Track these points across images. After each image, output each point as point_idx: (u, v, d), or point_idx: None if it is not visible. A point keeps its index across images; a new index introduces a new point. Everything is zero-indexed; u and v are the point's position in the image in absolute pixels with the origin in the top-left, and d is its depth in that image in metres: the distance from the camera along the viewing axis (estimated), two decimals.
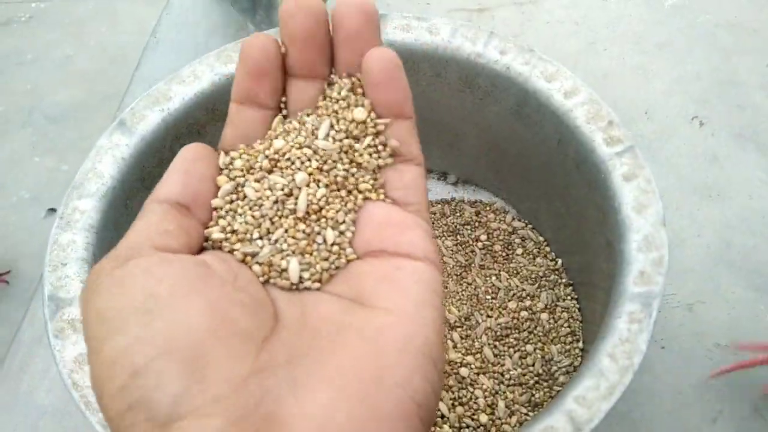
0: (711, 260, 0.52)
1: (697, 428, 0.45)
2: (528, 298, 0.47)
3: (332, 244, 0.21)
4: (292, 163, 0.21)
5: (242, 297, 0.19)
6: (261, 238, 0.21)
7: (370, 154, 0.21)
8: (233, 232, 0.21)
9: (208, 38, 0.70)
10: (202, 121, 0.44)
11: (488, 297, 0.47)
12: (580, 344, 0.45)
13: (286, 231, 0.21)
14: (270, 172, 0.21)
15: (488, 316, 0.46)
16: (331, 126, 0.22)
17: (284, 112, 0.22)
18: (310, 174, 0.21)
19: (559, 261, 0.48)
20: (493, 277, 0.48)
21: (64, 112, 0.65)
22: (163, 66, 0.68)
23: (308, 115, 0.22)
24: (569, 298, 0.47)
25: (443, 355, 0.20)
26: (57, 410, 0.47)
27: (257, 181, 0.21)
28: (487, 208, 0.52)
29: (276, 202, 0.21)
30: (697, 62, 0.64)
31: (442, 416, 0.41)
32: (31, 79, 0.68)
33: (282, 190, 0.21)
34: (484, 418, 0.41)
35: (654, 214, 0.36)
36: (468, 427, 0.41)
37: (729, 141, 0.59)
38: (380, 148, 0.21)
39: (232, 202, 0.21)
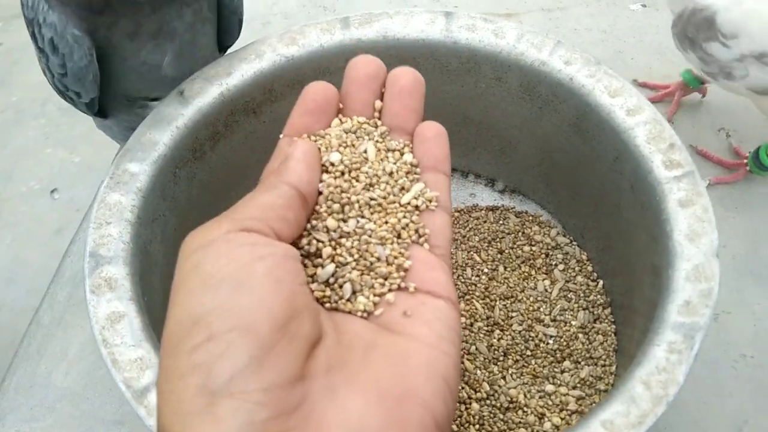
0: (737, 270, 0.51)
1: None
2: (564, 315, 0.46)
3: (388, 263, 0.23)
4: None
5: (309, 300, 0.20)
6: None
7: (417, 197, 0.24)
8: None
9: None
10: (259, 100, 0.44)
11: (522, 307, 0.46)
12: (613, 368, 0.44)
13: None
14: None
15: (516, 326, 0.45)
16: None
17: None
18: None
19: (600, 282, 0.47)
20: (530, 289, 0.47)
21: None
22: None
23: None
24: (606, 320, 0.45)
25: (458, 386, 0.23)
26: (74, 393, 0.46)
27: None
28: (532, 220, 0.51)
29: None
30: None
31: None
32: None
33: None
34: None
35: (707, 244, 0.35)
36: None
37: None
38: (425, 193, 0.24)
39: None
